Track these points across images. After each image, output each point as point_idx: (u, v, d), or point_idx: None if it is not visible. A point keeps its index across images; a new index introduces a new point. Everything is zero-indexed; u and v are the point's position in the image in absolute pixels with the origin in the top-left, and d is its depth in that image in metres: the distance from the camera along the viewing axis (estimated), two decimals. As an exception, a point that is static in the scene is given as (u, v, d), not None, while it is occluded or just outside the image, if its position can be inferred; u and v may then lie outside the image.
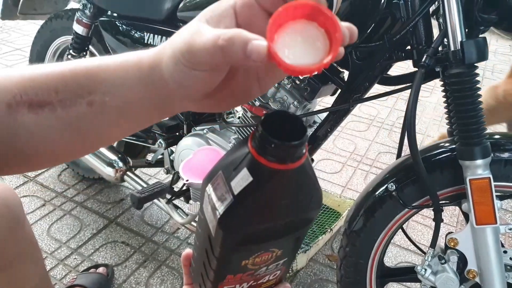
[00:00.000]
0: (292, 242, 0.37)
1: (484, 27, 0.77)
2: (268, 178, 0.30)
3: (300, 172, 0.30)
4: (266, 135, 0.28)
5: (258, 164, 0.29)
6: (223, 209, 0.31)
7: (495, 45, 3.55)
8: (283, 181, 0.30)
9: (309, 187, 0.32)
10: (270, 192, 0.30)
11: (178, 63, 0.30)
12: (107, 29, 1.27)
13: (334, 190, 1.75)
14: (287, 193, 0.31)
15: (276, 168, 0.29)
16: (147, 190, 1.19)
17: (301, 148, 0.29)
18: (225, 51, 0.28)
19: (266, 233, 0.33)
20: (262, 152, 0.29)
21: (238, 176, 0.30)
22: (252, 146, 0.30)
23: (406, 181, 0.87)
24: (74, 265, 1.35)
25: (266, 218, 0.32)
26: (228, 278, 0.37)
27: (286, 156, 0.29)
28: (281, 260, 0.38)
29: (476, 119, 0.76)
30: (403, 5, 0.81)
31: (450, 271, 0.85)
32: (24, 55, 2.79)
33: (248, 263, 0.36)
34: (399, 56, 0.86)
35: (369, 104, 2.49)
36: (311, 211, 0.34)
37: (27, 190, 1.65)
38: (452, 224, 1.60)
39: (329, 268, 1.38)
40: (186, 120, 1.28)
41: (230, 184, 0.31)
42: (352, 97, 0.94)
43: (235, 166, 0.31)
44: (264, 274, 0.39)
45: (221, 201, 0.31)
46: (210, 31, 0.29)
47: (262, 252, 0.35)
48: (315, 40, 0.28)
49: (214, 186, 0.33)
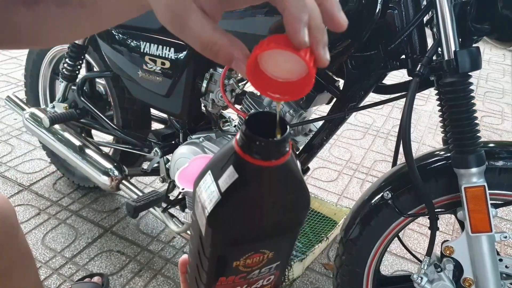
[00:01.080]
0: (283, 244, 0.38)
1: (477, 36, 0.78)
2: (253, 175, 0.31)
3: (284, 169, 0.31)
4: (250, 133, 0.30)
5: (243, 161, 0.30)
6: (211, 206, 0.32)
7: (489, 54, 3.59)
8: (268, 178, 0.31)
9: (295, 185, 0.33)
10: (256, 189, 0.31)
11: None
12: (103, 38, 1.28)
13: (330, 198, 1.75)
14: (272, 190, 0.32)
15: (260, 164, 0.30)
16: (142, 199, 1.18)
17: (283, 145, 0.30)
18: (211, 56, 0.30)
19: (255, 232, 0.34)
20: (246, 150, 0.30)
21: (225, 174, 0.31)
22: (237, 145, 0.31)
23: (401, 189, 0.87)
24: (68, 274, 1.33)
25: (253, 215, 0.33)
26: (221, 280, 0.38)
27: (270, 153, 0.30)
28: (273, 263, 0.39)
29: (471, 128, 0.77)
30: (397, 14, 0.82)
31: (446, 279, 0.85)
32: (20, 64, 2.79)
33: (240, 264, 0.36)
34: (394, 65, 0.87)
35: (364, 112, 2.50)
36: (299, 211, 0.35)
37: (21, 199, 1.64)
38: (448, 232, 1.60)
39: (325, 276, 1.38)
40: (182, 129, 1.28)
41: (217, 183, 0.32)
42: (348, 106, 0.95)
43: (223, 165, 0.32)
44: (257, 278, 0.39)
45: (210, 200, 0.32)
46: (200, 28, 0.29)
47: (252, 253, 0.36)
48: (291, 62, 0.29)
49: (203, 186, 0.34)
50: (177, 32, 0.30)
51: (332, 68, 0.97)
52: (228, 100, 1.11)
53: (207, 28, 0.29)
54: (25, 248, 0.85)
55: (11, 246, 0.78)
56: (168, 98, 1.19)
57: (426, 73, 0.78)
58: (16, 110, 1.59)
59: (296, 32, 0.26)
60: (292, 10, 0.27)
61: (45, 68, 1.61)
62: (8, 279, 0.80)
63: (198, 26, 0.29)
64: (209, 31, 0.29)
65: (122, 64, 1.25)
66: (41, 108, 1.50)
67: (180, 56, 1.11)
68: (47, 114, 1.39)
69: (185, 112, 1.20)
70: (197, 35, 0.29)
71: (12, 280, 0.81)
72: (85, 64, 1.52)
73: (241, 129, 0.31)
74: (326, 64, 0.29)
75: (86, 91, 1.49)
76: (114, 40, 1.24)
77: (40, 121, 1.41)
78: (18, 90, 2.45)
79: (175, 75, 1.14)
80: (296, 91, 0.30)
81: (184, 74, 1.14)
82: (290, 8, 0.27)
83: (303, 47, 0.27)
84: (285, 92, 0.30)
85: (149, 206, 1.20)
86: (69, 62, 1.40)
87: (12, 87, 2.54)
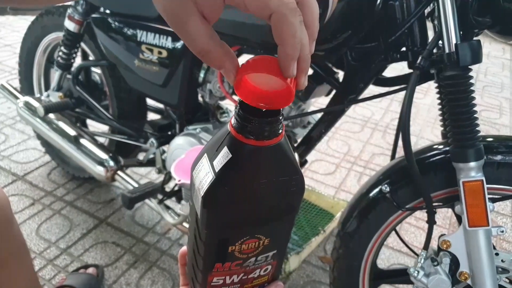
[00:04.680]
0: (279, 231, 0.38)
1: (478, 29, 0.78)
2: (246, 154, 0.32)
3: (277, 150, 0.32)
4: (243, 114, 0.31)
5: (236, 141, 0.32)
6: (206, 186, 0.33)
7: (488, 48, 3.59)
8: (261, 158, 0.32)
9: (288, 168, 0.34)
10: (249, 168, 0.33)
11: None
12: (99, 26, 1.26)
13: (328, 191, 1.75)
14: (265, 170, 0.33)
15: (253, 144, 0.31)
16: (138, 190, 1.17)
17: (276, 125, 0.32)
18: (203, 60, 0.32)
19: (249, 214, 0.35)
20: (240, 130, 0.32)
21: (219, 155, 0.33)
22: (231, 126, 0.33)
23: (400, 183, 0.87)
24: (63, 265, 1.33)
25: (247, 196, 0.34)
26: (217, 267, 0.38)
27: (262, 133, 0.31)
28: (269, 252, 0.39)
29: (470, 122, 0.76)
30: (398, 6, 0.81)
31: (443, 273, 0.85)
32: (14, 52, 2.76)
33: (235, 249, 0.37)
34: (394, 57, 0.86)
35: (363, 105, 2.49)
36: (293, 196, 0.36)
37: (15, 189, 1.62)
38: (445, 226, 1.61)
39: (322, 270, 1.38)
40: (178, 119, 1.27)
41: (212, 164, 0.33)
42: (347, 98, 0.94)
43: (217, 147, 0.33)
44: (253, 267, 0.40)
45: (205, 181, 0.33)
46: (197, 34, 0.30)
47: (248, 238, 0.36)
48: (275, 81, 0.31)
49: (199, 169, 0.35)
50: (174, 29, 0.31)
51: (332, 59, 0.96)
52: (226, 90, 1.09)
53: (204, 35, 0.30)
54: (20, 239, 0.84)
55: (6, 237, 0.77)
56: (165, 88, 1.18)
57: (426, 66, 0.78)
58: (10, 99, 1.57)
59: (288, 69, 0.30)
60: (288, 50, 0.29)
61: (39, 56, 1.58)
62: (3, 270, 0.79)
63: (196, 32, 0.30)
64: (205, 39, 0.30)
65: (118, 53, 1.23)
66: (36, 97, 1.48)
67: (177, 45, 1.10)
68: (41, 103, 1.37)
69: (182, 103, 1.19)
70: (193, 40, 0.31)
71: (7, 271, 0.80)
72: (81, 52, 1.50)
73: (235, 110, 0.32)
74: (302, 88, 0.32)
75: (82, 80, 1.47)
76: (110, 28, 1.22)
77: (34, 110, 1.39)
78: (12, 79, 2.42)
79: (172, 65, 1.13)
80: (278, 101, 0.31)
81: (181, 64, 1.12)
82: (286, 48, 0.29)
83: (291, 78, 0.30)
84: (267, 101, 0.32)
85: (145, 198, 1.19)
86: (64, 51, 1.38)
87: (6, 75, 2.50)
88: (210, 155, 0.34)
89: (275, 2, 0.28)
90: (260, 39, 0.91)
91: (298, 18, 0.29)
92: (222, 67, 0.32)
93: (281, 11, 0.28)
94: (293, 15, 0.29)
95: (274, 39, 0.30)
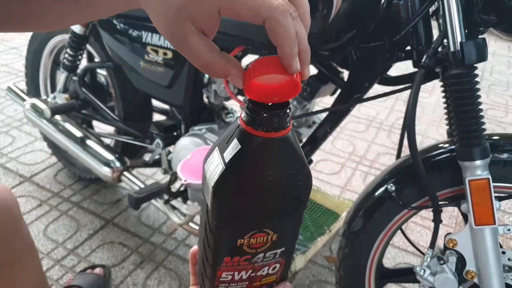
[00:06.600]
0: (287, 226, 0.39)
1: (484, 28, 0.77)
2: (255, 146, 0.33)
3: (285, 143, 0.34)
4: (252, 107, 0.33)
5: (246, 133, 0.33)
6: (216, 177, 0.34)
7: (494, 46, 3.57)
8: (269, 149, 0.34)
9: (295, 162, 0.35)
10: (258, 159, 0.34)
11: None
12: (104, 28, 1.27)
13: (333, 191, 1.75)
14: (273, 162, 0.34)
15: (261, 136, 0.33)
16: (144, 191, 1.18)
17: (284, 117, 0.33)
18: (208, 74, 0.34)
19: (258, 206, 0.36)
20: (249, 122, 0.33)
21: (230, 147, 0.34)
22: (241, 119, 0.34)
23: (405, 181, 0.86)
24: (70, 265, 1.34)
25: (255, 187, 0.35)
26: (226, 261, 0.39)
27: (271, 125, 0.33)
28: (278, 249, 0.40)
29: (476, 120, 0.76)
30: (403, 5, 0.81)
31: (449, 272, 0.84)
32: (21, 54, 2.78)
33: (244, 243, 0.38)
34: (399, 56, 0.86)
35: (368, 105, 2.49)
36: (300, 190, 0.37)
37: (23, 190, 1.64)
38: (451, 225, 1.60)
39: (327, 269, 1.38)
40: (184, 120, 1.27)
41: (223, 155, 0.35)
42: (352, 97, 0.94)
43: (228, 139, 0.35)
44: (262, 263, 0.40)
45: (215, 172, 0.35)
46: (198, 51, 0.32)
47: (256, 231, 0.37)
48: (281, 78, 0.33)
49: (211, 161, 0.36)
50: (177, 49, 0.33)
51: (337, 59, 0.96)
52: (231, 91, 1.10)
53: (205, 50, 0.32)
54: (28, 239, 0.85)
55: (15, 237, 0.78)
56: (170, 88, 1.18)
57: (431, 65, 0.78)
58: (16, 101, 1.59)
59: (291, 66, 0.31)
60: (286, 49, 0.30)
61: (45, 59, 1.60)
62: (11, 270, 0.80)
63: (197, 49, 0.32)
64: (207, 54, 0.32)
65: (123, 55, 1.24)
66: (42, 99, 1.49)
67: (182, 47, 1.10)
68: (48, 105, 1.39)
69: (187, 103, 1.20)
70: (196, 57, 0.32)
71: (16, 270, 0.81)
72: (86, 54, 1.51)
73: (245, 103, 0.34)
74: (306, 78, 0.34)
75: (87, 81, 1.48)
76: (115, 30, 1.23)
77: (41, 112, 1.40)
78: (19, 81, 2.44)
79: (177, 66, 1.13)
80: (287, 93, 0.33)
81: (186, 65, 1.13)
82: (284, 48, 0.30)
83: (295, 73, 0.32)
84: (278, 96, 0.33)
85: (151, 198, 1.20)
86: (70, 53, 1.39)
87: (12, 77, 2.53)
88: (221, 148, 0.36)
89: (265, 8, 0.30)
90: (264, 39, 0.91)
91: (290, 17, 0.30)
92: (228, 75, 0.33)
93: (273, 16, 0.30)
94: (284, 17, 0.30)
95: (272, 41, 0.31)
